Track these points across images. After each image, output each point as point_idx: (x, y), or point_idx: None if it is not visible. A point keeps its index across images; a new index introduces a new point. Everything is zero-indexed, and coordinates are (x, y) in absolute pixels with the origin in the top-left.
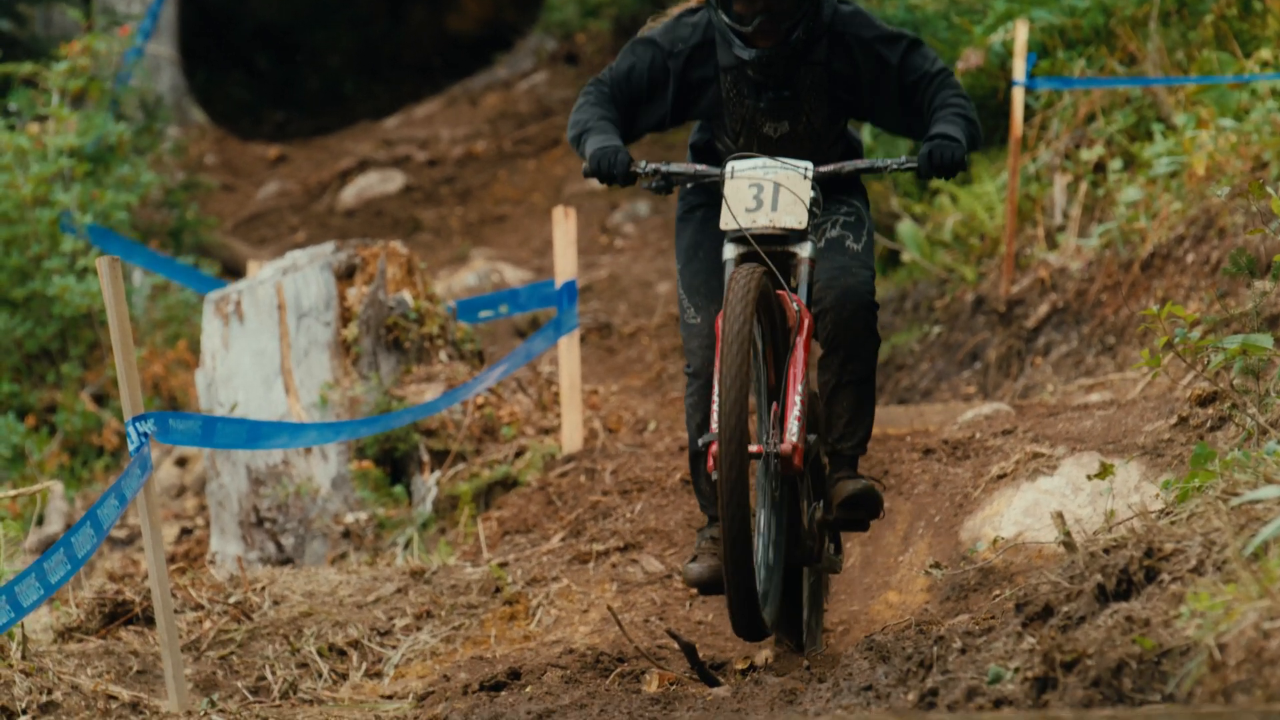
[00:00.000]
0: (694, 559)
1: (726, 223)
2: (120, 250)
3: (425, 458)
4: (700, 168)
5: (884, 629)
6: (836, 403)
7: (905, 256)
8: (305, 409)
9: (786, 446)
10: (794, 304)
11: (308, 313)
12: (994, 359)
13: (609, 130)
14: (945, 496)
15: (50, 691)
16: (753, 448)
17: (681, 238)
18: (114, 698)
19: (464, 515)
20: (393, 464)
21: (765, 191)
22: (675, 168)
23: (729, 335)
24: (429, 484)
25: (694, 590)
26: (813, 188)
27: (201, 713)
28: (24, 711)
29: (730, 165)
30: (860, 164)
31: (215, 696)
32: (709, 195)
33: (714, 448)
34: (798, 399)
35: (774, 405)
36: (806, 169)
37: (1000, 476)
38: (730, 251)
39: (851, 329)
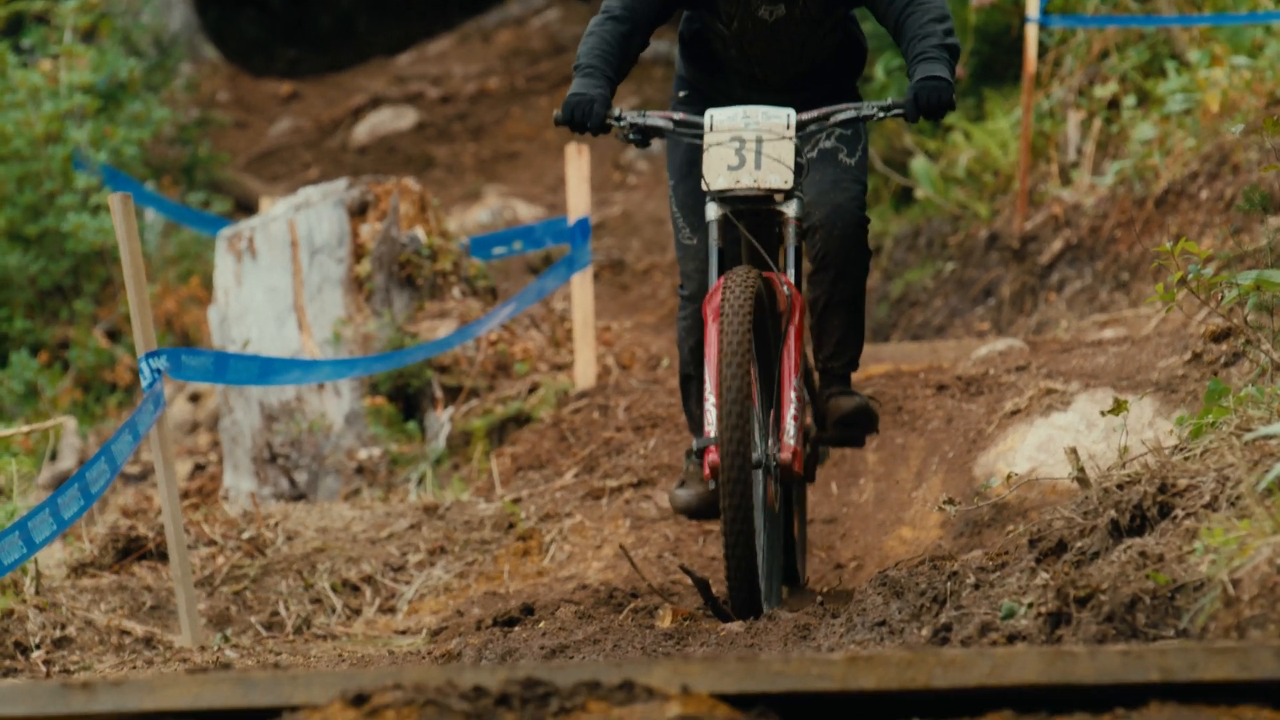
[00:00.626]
0: (681, 483)
1: (709, 183)
2: (132, 193)
3: (438, 394)
4: (678, 117)
5: (897, 564)
6: (826, 321)
7: (919, 193)
8: (318, 345)
9: (786, 455)
10: (784, 286)
11: (320, 249)
12: (1008, 295)
13: (597, 73)
14: (959, 432)
15: (64, 626)
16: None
17: (674, 154)
18: (127, 633)
19: (477, 451)
20: (406, 400)
21: (747, 148)
22: (652, 120)
23: (728, 350)
24: (442, 420)
25: (682, 517)
26: (796, 136)
27: (215, 648)
28: (38, 646)
29: (709, 116)
30: (845, 110)
31: (229, 632)
32: (702, 108)
33: (711, 455)
34: (793, 395)
35: (770, 411)
36: (789, 117)
37: (1014, 412)
38: (713, 212)
39: (842, 246)
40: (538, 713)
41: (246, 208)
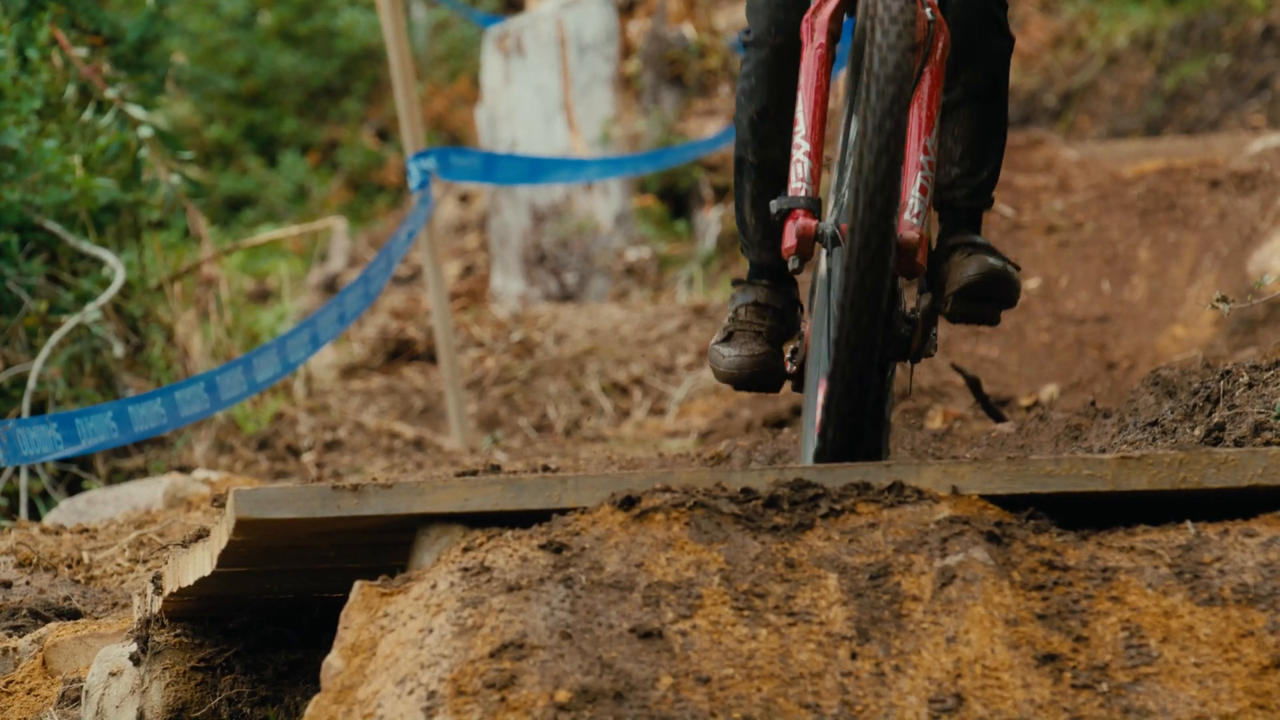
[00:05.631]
0: (726, 337)
1: None
2: None
3: (707, 193)
4: None
5: (1170, 364)
6: (947, 125)
7: None
8: (586, 144)
9: (910, 233)
10: (926, 9)
11: (589, 47)
12: None
13: None
14: (1232, 229)
15: (334, 429)
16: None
17: None
18: (397, 435)
19: None
20: (675, 200)
21: None
22: None
23: (882, 82)
24: (711, 220)
25: (726, 386)
26: None
27: (485, 450)
28: (309, 448)
29: None
30: None
31: (498, 433)
32: None
33: (800, 219)
34: (923, 158)
35: None
36: None
37: None
38: None
39: (967, 23)
40: (806, 515)
41: (515, 5)
